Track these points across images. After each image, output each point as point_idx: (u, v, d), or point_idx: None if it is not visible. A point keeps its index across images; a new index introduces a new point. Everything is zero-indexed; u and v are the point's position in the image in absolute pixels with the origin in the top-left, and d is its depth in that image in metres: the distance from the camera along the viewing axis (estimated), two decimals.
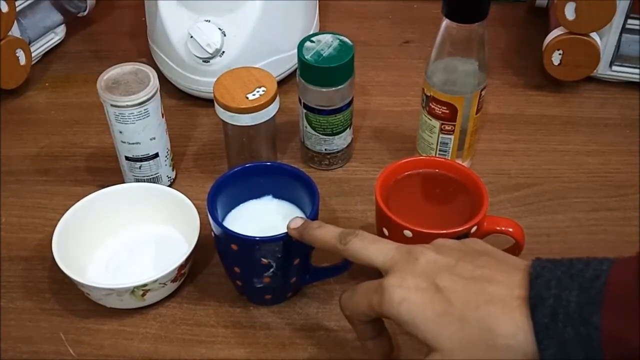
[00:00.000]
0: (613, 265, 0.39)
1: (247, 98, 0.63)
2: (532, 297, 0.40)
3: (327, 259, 0.60)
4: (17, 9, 0.78)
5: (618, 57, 0.78)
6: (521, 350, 0.40)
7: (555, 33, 0.77)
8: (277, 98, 0.65)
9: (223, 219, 0.59)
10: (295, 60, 0.67)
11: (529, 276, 0.41)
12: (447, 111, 0.64)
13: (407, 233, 0.53)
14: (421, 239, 0.53)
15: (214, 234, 0.56)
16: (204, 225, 0.59)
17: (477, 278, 0.42)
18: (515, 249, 0.57)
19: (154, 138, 0.65)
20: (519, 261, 0.44)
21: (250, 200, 0.61)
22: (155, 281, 0.56)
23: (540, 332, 0.39)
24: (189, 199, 0.62)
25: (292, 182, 0.59)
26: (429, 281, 0.43)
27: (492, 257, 0.45)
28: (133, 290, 0.56)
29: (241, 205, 0.61)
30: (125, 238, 0.63)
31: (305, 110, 0.67)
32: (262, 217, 0.60)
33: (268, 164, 0.61)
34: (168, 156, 0.68)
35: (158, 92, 0.63)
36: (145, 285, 0.56)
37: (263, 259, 0.54)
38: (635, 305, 0.37)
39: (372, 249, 0.47)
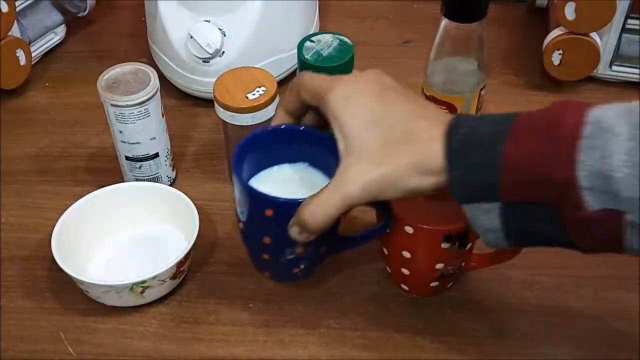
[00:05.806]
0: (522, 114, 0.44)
1: (247, 98, 0.63)
2: (450, 125, 0.44)
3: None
4: (17, 9, 0.78)
5: (618, 57, 0.78)
6: (432, 166, 0.44)
7: (555, 33, 0.77)
8: (277, 98, 0.65)
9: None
10: (295, 60, 0.67)
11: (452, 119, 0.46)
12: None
13: (408, 229, 0.53)
14: (423, 234, 0.53)
15: (243, 202, 0.51)
16: (203, 224, 0.59)
17: (414, 103, 0.48)
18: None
19: (154, 138, 0.65)
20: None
21: (274, 167, 0.55)
22: (154, 278, 0.56)
23: (451, 155, 0.43)
24: (189, 198, 0.62)
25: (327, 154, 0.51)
26: (377, 88, 0.48)
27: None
28: (132, 287, 0.56)
29: (264, 171, 0.55)
30: (125, 237, 0.63)
31: None
32: (288, 184, 0.54)
33: (301, 129, 0.53)
34: (168, 156, 0.68)
35: (158, 92, 0.63)
36: (144, 282, 0.56)
37: None
38: (542, 135, 0.41)
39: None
